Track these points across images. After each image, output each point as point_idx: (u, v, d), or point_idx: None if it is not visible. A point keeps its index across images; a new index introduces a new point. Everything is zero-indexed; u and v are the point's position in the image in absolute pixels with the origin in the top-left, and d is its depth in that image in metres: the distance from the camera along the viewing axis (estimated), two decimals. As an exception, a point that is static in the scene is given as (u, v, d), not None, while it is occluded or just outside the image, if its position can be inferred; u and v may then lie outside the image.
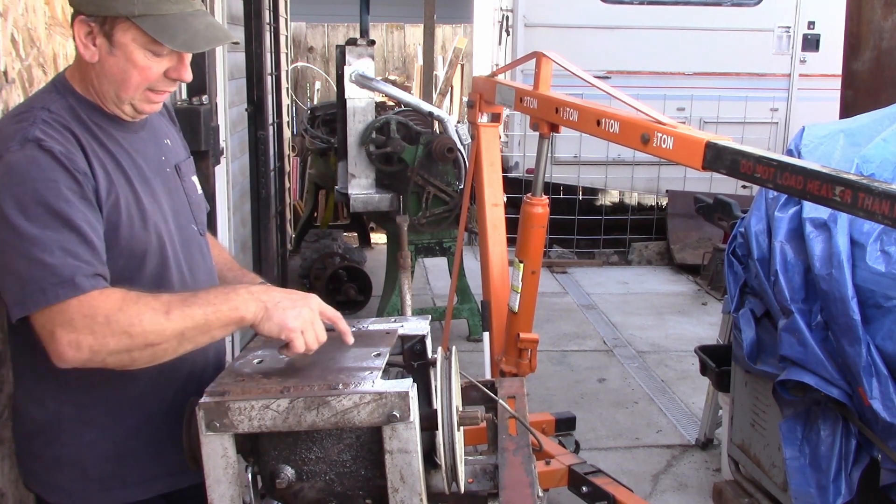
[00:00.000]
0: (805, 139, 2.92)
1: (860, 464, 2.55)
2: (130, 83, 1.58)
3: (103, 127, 1.62)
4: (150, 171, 1.68)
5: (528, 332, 3.25)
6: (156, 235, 1.64)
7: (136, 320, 1.44)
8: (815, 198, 1.67)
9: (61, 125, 1.54)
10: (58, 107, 1.57)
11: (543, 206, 3.11)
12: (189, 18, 1.56)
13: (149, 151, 1.71)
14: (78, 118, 1.58)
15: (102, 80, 1.58)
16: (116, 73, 1.57)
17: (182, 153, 1.86)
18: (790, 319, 2.63)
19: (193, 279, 1.74)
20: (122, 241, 1.57)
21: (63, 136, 1.52)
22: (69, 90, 1.62)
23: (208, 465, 1.45)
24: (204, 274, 1.79)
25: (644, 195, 8.57)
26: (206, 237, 1.86)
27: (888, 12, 3.71)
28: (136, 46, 1.54)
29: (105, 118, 1.63)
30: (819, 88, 7.40)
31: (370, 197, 5.28)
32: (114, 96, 1.60)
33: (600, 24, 7.48)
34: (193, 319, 1.48)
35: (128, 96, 1.60)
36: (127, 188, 1.60)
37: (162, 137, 1.79)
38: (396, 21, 12.39)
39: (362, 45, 5.20)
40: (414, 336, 1.80)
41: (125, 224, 1.58)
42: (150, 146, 1.73)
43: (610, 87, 2.63)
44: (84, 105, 1.61)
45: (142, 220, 1.62)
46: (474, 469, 1.80)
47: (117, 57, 1.55)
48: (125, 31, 1.53)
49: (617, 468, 3.81)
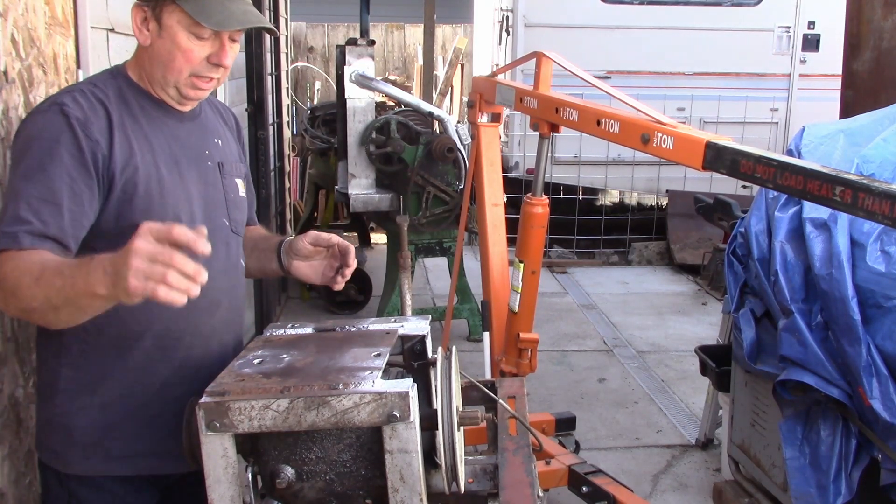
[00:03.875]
0: (805, 139, 2.93)
1: (860, 464, 2.55)
2: (175, 65, 1.68)
3: (148, 111, 1.72)
4: (185, 158, 1.75)
5: (528, 332, 3.25)
6: (173, 215, 1.67)
7: (17, 284, 1.45)
8: (815, 198, 1.67)
9: (96, 98, 1.64)
10: (105, 85, 1.69)
11: (543, 206, 3.11)
12: (227, 2, 1.67)
13: (191, 141, 1.78)
14: (122, 98, 1.69)
15: (153, 62, 1.69)
16: (164, 55, 1.67)
17: (232, 156, 1.92)
18: (790, 319, 2.63)
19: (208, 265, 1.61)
20: (136, 212, 1.62)
21: (90, 106, 1.62)
22: (122, 74, 1.74)
23: (208, 465, 1.45)
24: (223, 263, 1.80)
25: (644, 195, 8.58)
26: (239, 236, 1.89)
27: (888, 12, 3.72)
28: (179, 28, 1.65)
29: (153, 103, 1.73)
30: (819, 88, 7.40)
31: (370, 197, 5.28)
32: (161, 79, 1.70)
33: (600, 24, 7.48)
34: (54, 288, 1.42)
35: (174, 78, 1.69)
36: (151, 164, 1.67)
37: (213, 136, 1.86)
38: (396, 21, 12.39)
39: (362, 45, 5.20)
40: (414, 336, 1.80)
41: (141, 196, 1.64)
42: (195, 138, 1.80)
43: (610, 87, 2.63)
44: (133, 89, 1.72)
45: (161, 196, 1.67)
46: (474, 469, 1.80)
47: (164, 39, 1.66)
48: (171, 14, 1.64)
49: (617, 468, 3.81)
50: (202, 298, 1.58)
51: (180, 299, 1.31)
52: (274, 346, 1.68)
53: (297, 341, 1.73)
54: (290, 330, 1.83)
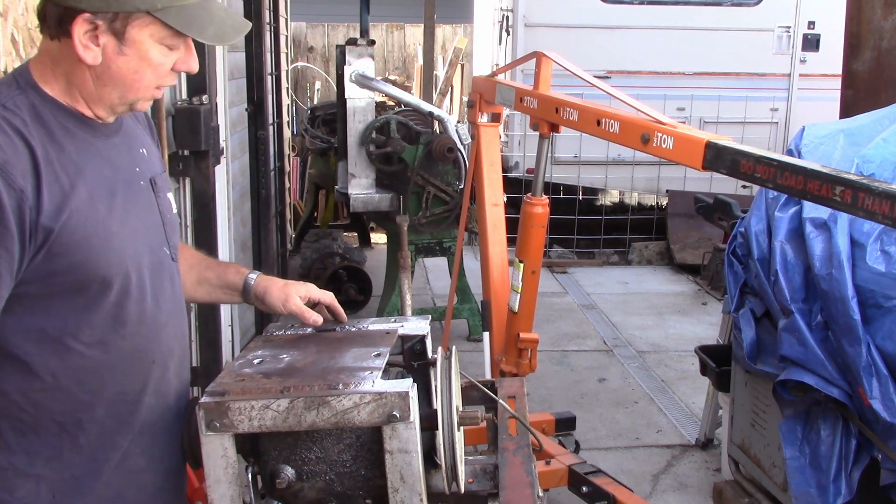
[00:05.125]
0: (805, 139, 2.93)
1: (860, 464, 2.55)
2: (142, 84, 1.41)
3: (70, 130, 1.40)
4: (120, 184, 1.46)
5: (528, 332, 3.25)
6: (118, 260, 1.41)
7: None
8: (815, 198, 1.67)
9: (14, 130, 1.31)
10: (17, 107, 1.34)
11: (543, 206, 3.11)
12: (207, 7, 1.41)
13: (122, 160, 1.49)
14: (40, 120, 1.36)
15: (104, 83, 1.39)
16: (126, 75, 1.39)
17: (158, 166, 1.64)
18: (790, 319, 2.63)
19: (157, 309, 1.51)
20: (76, 265, 1.35)
21: (8, 142, 1.29)
22: (32, 87, 1.39)
23: (208, 465, 1.44)
24: (171, 304, 1.56)
25: (644, 195, 8.58)
26: (177, 263, 1.63)
27: (888, 12, 3.71)
28: (152, 43, 1.38)
29: (77, 121, 1.41)
30: (819, 88, 7.40)
31: (370, 197, 5.28)
32: (116, 99, 1.41)
33: (600, 24, 7.48)
34: None
35: (135, 97, 1.43)
36: (88, 204, 1.37)
37: (137, 146, 1.57)
38: (396, 21, 12.39)
39: (362, 45, 5.21)
40: (414, 336, 1.80)
41: (81, 246, 1.35)
42: (124, 154, 1.50)
43: (610, 87, 2.63)
44: (51, 106, 1.38)
45: (104, 241, 1.39)
46: (474, 469, 1.80)
47: (128, 56, 1.37)
48: (142, 28, 1.36)
49: (617, 468, 3.81)
50: (156, 350, 1.51)
51: None
52: (274, 346, 1.68)
53: (297, 341, 1.73)
54: (290, 330, 1.83)
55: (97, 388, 1.43)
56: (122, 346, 1.45)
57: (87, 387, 1.42)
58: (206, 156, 3.36)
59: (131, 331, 1.45)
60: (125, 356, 1.46)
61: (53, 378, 1.37)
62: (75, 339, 1.39)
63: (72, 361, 1.39)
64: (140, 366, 1.48)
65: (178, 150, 3.28)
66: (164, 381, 1.55)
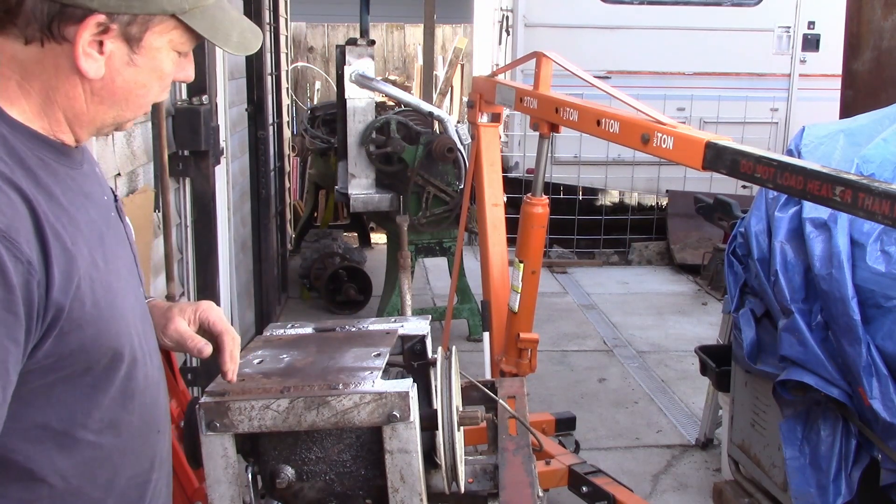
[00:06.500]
0: (805, 139, 2.93)
1: (860, 464, 2.55)
2: (146, 99, 1.18)
3: (50, 165, 1.10)
4: (101, 220, 1.18)
5: (528, 332, 3.25)
6: (125, 324, 1.15)
7: None
8: (815, 198, 1.68)
9: (6, 182, 1.01)
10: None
11: (543, 206, 3.11)
12: (231, 14, 1.20)
13: (95, 191, 1.21)
14: (16, 156, 1.05)
15: (101, 99, 1.13)
16: (132, 89, 1.14)
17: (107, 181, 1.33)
18: (790, 319, 2.63)
19: (152, 366, 1.26)
20: (87, 342, 1.08)
21: (7, 201, 1.00)
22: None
23: (208, 465, 1.45)
24: (156, 353, 1.31)
25: (644, 195, 8.58)
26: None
27: (888, 12, 3.71)
28: (168, 50, 1.14)
29: (50, 150, 1.12)
30: (819, 88, 7.40)
31: (370, 197, 5.29)
32: (109, 120, 1.16)
33: (600, 24, 7.48)
34: None
35: (133, 115, 1.19)
36: (91, 263, 1.10)
37: (93, 164, 1.27)
38: (396, 21, 12.39)
39: (362, 45, 5.21)
40: (414, 336, 1.80)
41: (92, 317, 1.08)
42: (94, 182, 1.23)
43: (610, 87, 2.64)
44: (21, 135, 1.08)
45: (111, 304, 1.12)
46: (474, 469, 1.80)
47: (139, 67, 1.12)
48: (162, 33, 1.12)
49: (617, 468, 3.81)
50: (159, 416, 1.29)
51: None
52: (274, 346, 1.68)
53: (297, 341, 1.73)
54: (290, 330, 1.83)
55: (110, 479, 1.19)
56: (132, 422, 1.20)
57: (99, 481, 1.17)
58: (206, 156, 3.36)
59: (139, 402, 1.21)
60: (135, 434, 1.22)
61: (63, 480, 1.11)
62: (84, 428, 1.13)
63: (82, 455, 1.14)
64: (149, 439, 1.26)
65: (178, 150, 3.29)
66: (164, 449, 1.34)
